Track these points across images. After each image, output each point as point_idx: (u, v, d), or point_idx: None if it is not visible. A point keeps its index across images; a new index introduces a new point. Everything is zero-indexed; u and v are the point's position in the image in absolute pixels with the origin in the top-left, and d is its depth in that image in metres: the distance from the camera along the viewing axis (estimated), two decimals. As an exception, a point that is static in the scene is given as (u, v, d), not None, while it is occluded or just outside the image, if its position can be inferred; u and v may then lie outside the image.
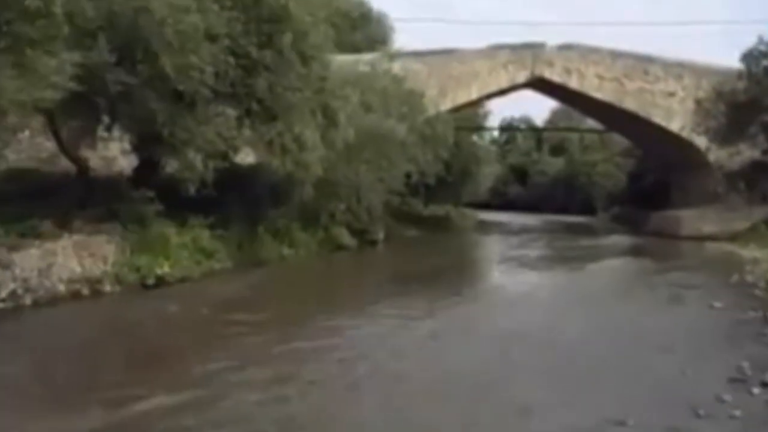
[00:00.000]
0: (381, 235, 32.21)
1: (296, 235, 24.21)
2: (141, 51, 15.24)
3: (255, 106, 18.78)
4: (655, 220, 38.73)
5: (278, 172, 22.43)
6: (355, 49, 33.13)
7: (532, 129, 43.77)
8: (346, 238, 27.15)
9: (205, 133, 16.69)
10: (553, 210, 64.95)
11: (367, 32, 40.75)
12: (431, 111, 30.32)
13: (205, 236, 19.49)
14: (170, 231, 17.73)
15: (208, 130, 16.80)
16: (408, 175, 28.85)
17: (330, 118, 21.56)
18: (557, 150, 74.60)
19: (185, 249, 18.11)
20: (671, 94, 35.48)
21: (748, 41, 36.59)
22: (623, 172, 56.53)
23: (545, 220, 54.09)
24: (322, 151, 19.89)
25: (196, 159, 16.33)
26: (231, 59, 16.85)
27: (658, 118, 35.40)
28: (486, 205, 66.59)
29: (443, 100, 33.17)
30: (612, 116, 37.74)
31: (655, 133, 36.57)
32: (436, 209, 46.04)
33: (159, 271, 16.29)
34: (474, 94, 33.95)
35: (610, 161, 62.19)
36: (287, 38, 17.86)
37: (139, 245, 16.63)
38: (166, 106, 15.74)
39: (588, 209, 61.38)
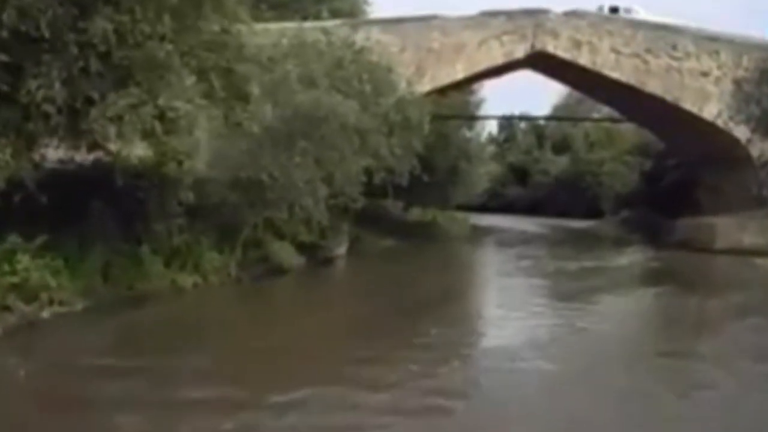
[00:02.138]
0: (342, 249, 25.03)
1: (205, 255, 17.10)
2: None
3: (94, 63, 11.61)
4: (681, 228, 31.42)
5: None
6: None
7: (534, 119, 36.44)
8: (288, 256, 20.12)
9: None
10: (556, 213, 58.70)
11: (333, 5, 33.58)
12: (405, 93, 23.02)
13: (26, 265, 12.44)
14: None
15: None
16: (369, 172, 21.63)
17: (235, 90, 14.32)
18: (560, 148, 67.66)
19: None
20: (704, 74, 28.20)
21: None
22: (633, 171, 50.35)
23: (547, 225, 46.79)
24: (202, 134, 12.54)
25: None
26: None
27: (687, 103, 28.14)
28: (482, 208, 61.32)
29: (420, 81, 25.93)
30: (631, 101, 30.39)
31: (683, 121, 29.28)
32: (422, 214, 38.83)
33: None
34: (460, 74, 26.67)
35: (618, 159, 55.63)
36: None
37: None
38: None
39: (594, 212, 54.96)
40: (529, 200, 66.94)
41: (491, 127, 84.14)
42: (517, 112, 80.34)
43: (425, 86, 26.05)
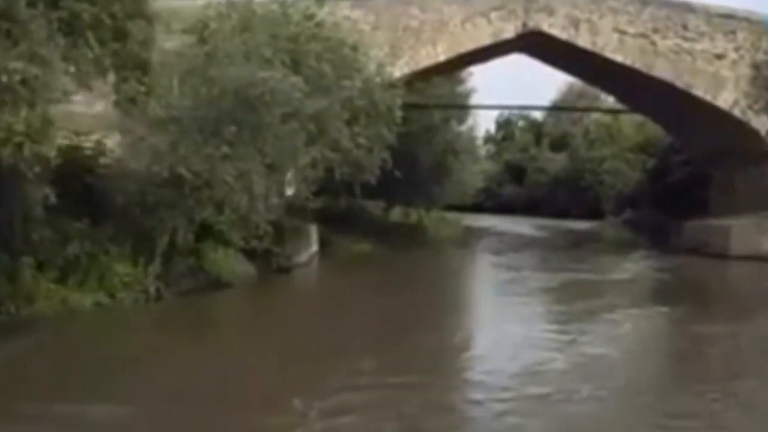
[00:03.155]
0: (304, 256, 21.54)
1: (113, 267, 13.72)
2: None
3: None
4: (690, 231, 27.87)
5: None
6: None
7: (528, 108, 32.83)
8: (230, 266, 16.75)
9: None
10: (554, 213, 56.00)
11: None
12: (373, 75, 19.50)
13: None
14: None
15: None
16: (329, 169, 18.17)
17: (128, 56, 10.81)
18: (559, 145, 64.31)
19: None
20: (719, 57, 24.65)
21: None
22: (636, 170, 47.70)
23: (545, 227, 43.22)
24: (57, 108, 9.02)
25: None
26: None
27: (700, 90, 24.57)
28: (478, 208, 58.63)
29: (396, 63, 22.39)
30: (635, 89, 26.77)
31: (694, 111, 25.73)
32: (407, 214, 35.29)
33: None
34: (441, 56, 23.10)
35: (619, 157, 52.63)
36: None
37: None
38: None
39: (594, 212, 51.94)
40: (526, 200, 64.37)
41: (489, 125, 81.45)
42: (514, 109, 77.27)
43: (402, 69, 22.53)
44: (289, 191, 36.40)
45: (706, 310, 14.85)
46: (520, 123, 77.50)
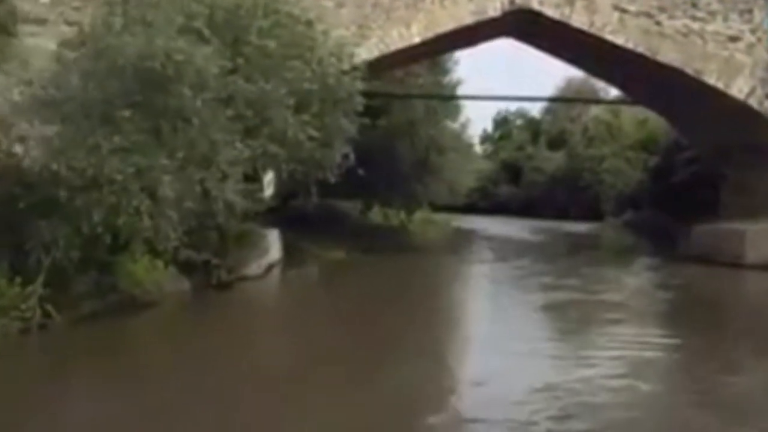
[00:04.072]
0: (256, 268, 18.48)
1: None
2: None
3: None
4: (699, 236, 24.73)
5: None
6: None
7: (517, 99, 29.40)
8: (152, 281, 13.81)
9: None
10: (552, 214, 54.01)
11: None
12: (329, 55, 16.34)
13: None
14: None
15: None
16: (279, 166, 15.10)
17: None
18: (556, 143, 61.93)
19: None
20: (734, 39, 21.47)
21: None
22: (636, 169, 45.92)
23: (541, 230, 40.08)
24: None
25: None
26: None
27: (711, 77, 21.40)
28: (471, 209, 57.31)
29: (364, 44, 19.29)
30: (638, 76, 23.55)
31: (704, 101, 22.55)
32: (389, 216, 32.20)
33: None
34: (416, 37, 19.92)
35: (620, 155, 50.77)
36: None
37: None
38: None
39: (593, 213, 49.58)
40: (522, 200, 62.30)
41: (486, 124, 78.82)
42: (512, 107, 74.84)
43: (370, 52, 19.41)
44: (268, 192, 33.26)
45: (726, 339, 11.70)
46: (518, 122, 74.92)
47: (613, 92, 55.54)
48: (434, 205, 40.76)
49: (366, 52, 19.25)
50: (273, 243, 20.87)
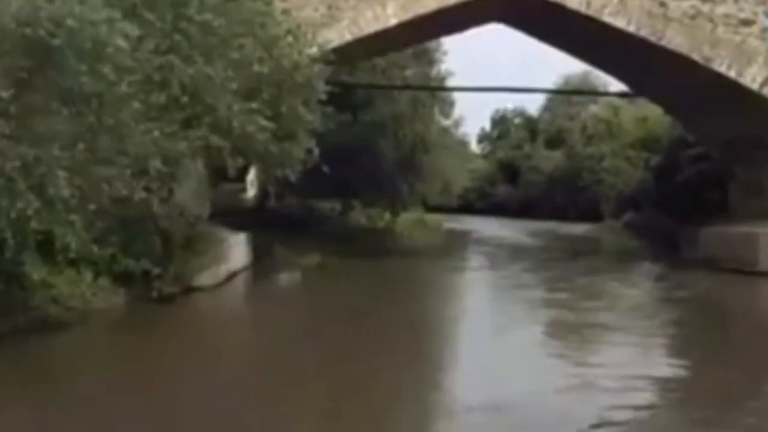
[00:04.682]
0: (213, 277, 16.32)
1: None
2: None
3: None
4: (707, 240, 22.51)
5: None
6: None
7: (511, 90, 27.40)
8: (79, 295, 11.80)
9: None
10: (550, 215, 52.04)
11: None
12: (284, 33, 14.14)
13: None
14: None
15: None
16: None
17: None
18: (554, 142, 60.07)
19: None
20: (746, 23, 19.28)
21: None
22: (637, 168, 44.28)
23: (537, 232, 37.90)
24: None
25: None
26: None
27: (722, 65, 19.20)
28: (467, 209, 56.64)
29: (334, 26, 17.10)
30: (641, 65, 21.32)
31: (713, 91, 20.33)
32: (375, 216, 30.02)
33: None
34: (393, 18, 17.71)
35: (620, 154, 48.93)
36: None
37: None
38: None
39: (592, 214, 47.43)
40: (519, 201, 60.36)
41: (485, 123, 76.78)
42: (510, 105, 72.83)
43: (341, 35, 17.23)
44: (251, 193, 30.85)
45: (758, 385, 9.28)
46: (516, 120, 72.94)
47: (613, 89, 54.79)
48: (427, 206, 38.75)
49: (336, 35, 17.08)
50: (237, 248, 18.74)
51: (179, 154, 11.83)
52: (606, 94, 48.50)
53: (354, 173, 24.73)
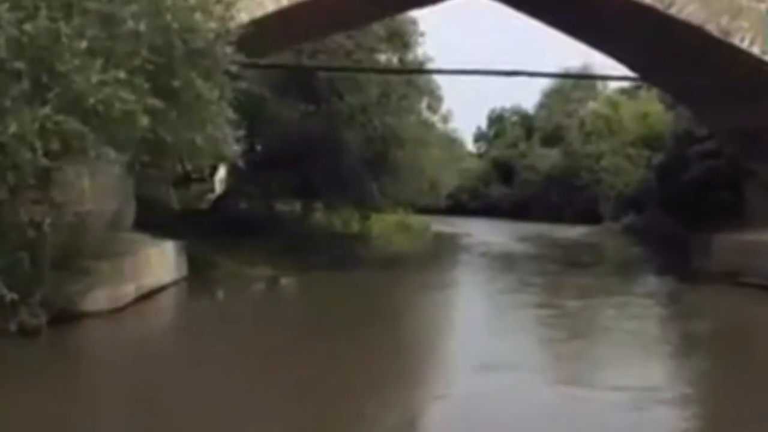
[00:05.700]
0: (113, 300, 12.89)
1: None
2: None
3: None
4: (721, 248, 18.99)
5: None
6: None
7: (510, 74, 23.57)
8: None
9: None
10: (546, 216, 49.66)
11: None
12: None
13: None
14: None
15: None
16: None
17: None
18: (551, 139, 57.04)
19: None
20: (771, -10, 15.83)
21: None
22: (638, 166, 42.09)
23: (531, 236, 34.48)
24: None
25: None
26: None
27: (743, 39, 15.71)
28: (459, 210, 54.46)
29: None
30: (648, 44, 17.84)
31: (731, 71, 16.85)
32: (348, 220, 26.50)
33: None
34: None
35: (620, 152, 46.73)
36: None
37: None
38: None
39: (591, 216, 45.19)
40: (514, 201, 57.98)
41: (480, 121, 74.53)
42: (507, 104, 70.70)
43: (266, 5, 13.72)
44: (219, 190, 27.16)
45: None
46: (513, 118, 70.19)
47: (612, 86, 52.09)
48: (415, 207, 35.47)
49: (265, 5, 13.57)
50: (158, 260, 15.33)
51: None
52: (607, 77, 45.58)
53: (315, 170, 21.38)
